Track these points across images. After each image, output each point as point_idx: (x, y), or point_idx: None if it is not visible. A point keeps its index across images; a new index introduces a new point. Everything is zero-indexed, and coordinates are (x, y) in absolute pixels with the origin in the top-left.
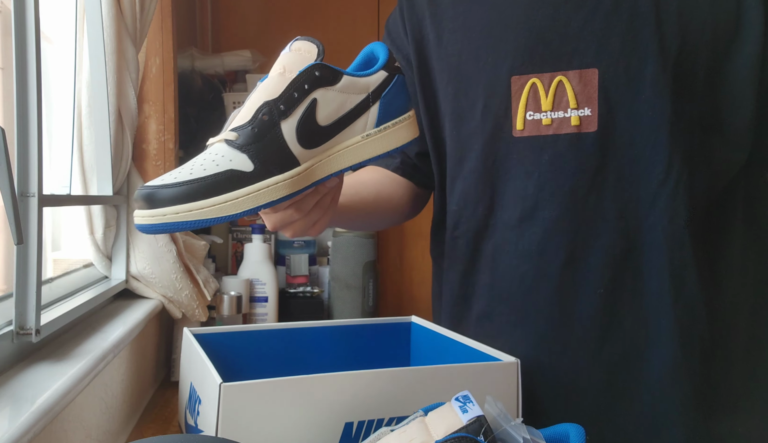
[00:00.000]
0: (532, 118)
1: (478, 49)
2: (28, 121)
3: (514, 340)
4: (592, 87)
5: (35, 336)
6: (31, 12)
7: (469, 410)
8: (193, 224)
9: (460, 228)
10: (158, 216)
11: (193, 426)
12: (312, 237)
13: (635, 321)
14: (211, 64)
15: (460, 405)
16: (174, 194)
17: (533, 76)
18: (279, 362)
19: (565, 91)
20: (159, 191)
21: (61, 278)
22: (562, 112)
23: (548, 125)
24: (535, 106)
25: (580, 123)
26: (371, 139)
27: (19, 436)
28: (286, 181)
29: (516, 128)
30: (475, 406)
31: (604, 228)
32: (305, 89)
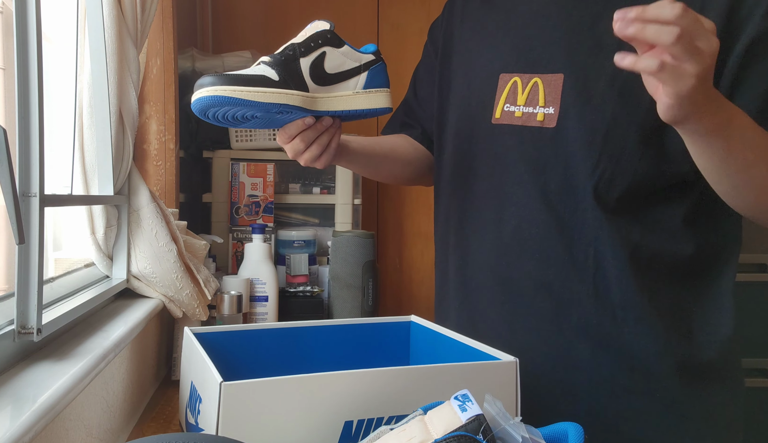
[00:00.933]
0: (508, 110)
1: (484, 48)
2: (29, 121)
3: (475, 292)
4: (557, 90)
5: (36, 335)
6: (33, 12)
7: (468, 409)
8: (235, 101)
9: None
10: (211, 91)
11: (194, 424)
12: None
13: (561, 284)
14: (211, 64)
15: (459, 404)
16: (226, 79)
17: (516, 75)
18: (279, 361)
19: (537, 91)
20: (217, 77)
21: (62, 277)
22: (531, 108)
23: (519, 116)
24: (512, 99)
25: (543, 119)
26: (358, 95)
27: (21, 435)
28: (297, 95)
29: (495, 116)
30: (474, 405)
31: (547, 206)
32: (319, 43)
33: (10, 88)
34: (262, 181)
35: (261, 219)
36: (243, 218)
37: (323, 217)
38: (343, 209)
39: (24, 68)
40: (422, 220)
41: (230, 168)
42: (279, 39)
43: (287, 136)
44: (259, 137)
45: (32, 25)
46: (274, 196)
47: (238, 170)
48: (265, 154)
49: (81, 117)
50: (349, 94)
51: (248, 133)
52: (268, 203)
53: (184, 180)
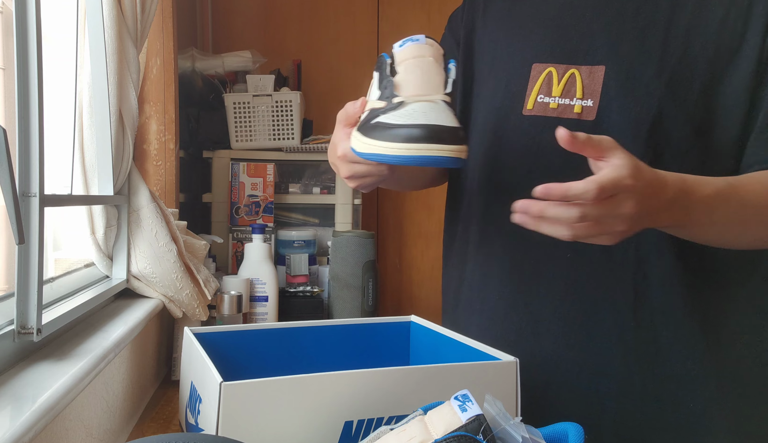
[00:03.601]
0: (542, 101)
1: (512, 38)
2: (29, 121)
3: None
4: (598, 81)
5: (36, 335)
6: (33, 12)
7: (468, 409)
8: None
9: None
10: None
11: (194, 424)
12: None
13: (595, 285)
14: (211, 64)
15: (459, 404)
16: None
17: (551, 66)
18: (279, 361)
19: (575, 82)
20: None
21: (62, 277)
22: (568, 100)
23: (554, 108)
24: (547, 90)
25: (581, 111)
26: None
27: (21, 435)
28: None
29: (526, 107)
30: (474, 405)
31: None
32: None
33: (10, 88)
34: (262, 181)
35: (261, 219)
36: (243, 218)
37: (323, 217)
38: (343, 209)
39: (24, 68)
40: (422, 220)
41: (230, 168)
42: (279, 39)
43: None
44: (259, 137)
45: (32, 25)
46: (274, 196)
47: (238, 170)
48: (265, 154)
49: (81, 117)
50: None
51: (248, 133)
52: (268, 203)
53: (184, 180)
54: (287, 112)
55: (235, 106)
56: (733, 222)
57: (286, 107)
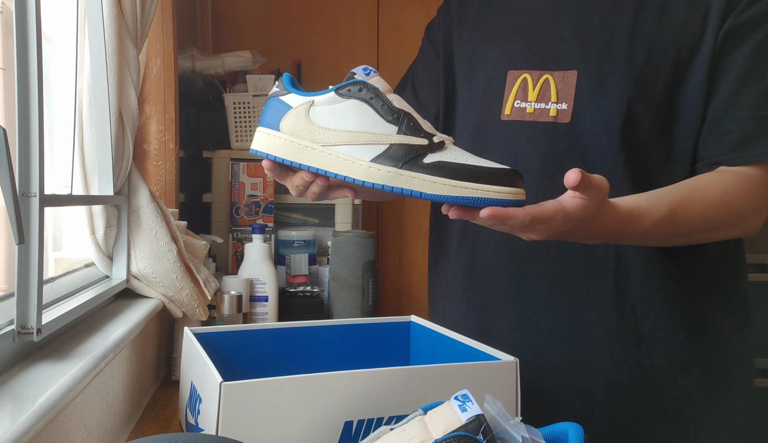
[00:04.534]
0: (519, 106)
1: (488, 46)
2: (29, 121)
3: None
4: (571, 86)
5: (36, 335)
6: (33, 12)
7: (468, 409)
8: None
9: None
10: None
11: (194, 424)
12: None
13: (579, 281)
14: (211, 64)
15: (459, 404)
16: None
17: (525, 72)
18: (279, 361)
19: (549, 87)
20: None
21: (62, 277)
22: (543, 104)
23: (531, 113)
24: (523, 96)
25: (557, 114)
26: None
27: (21, 435)
28: None
29: (504, 113)
30: (474, 405)
31: None
32: None
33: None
34: (262, 181)
35: (261, 219)
36: (243, 218)
37: (323, 217)
38: (343, 209)
39: (24, 68)
40: (422, 220)
41: (230, 168)
42: (279, 39)
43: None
44: None
45: (32, 25)
46: (274, 196)
47: (238, 170)
48: None
49: (81, 117)
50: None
51: (248, 133)
52: (268, 203)
53: (184, 180)
54: None
55: (235, 106)
56: (658, 241)
57: None
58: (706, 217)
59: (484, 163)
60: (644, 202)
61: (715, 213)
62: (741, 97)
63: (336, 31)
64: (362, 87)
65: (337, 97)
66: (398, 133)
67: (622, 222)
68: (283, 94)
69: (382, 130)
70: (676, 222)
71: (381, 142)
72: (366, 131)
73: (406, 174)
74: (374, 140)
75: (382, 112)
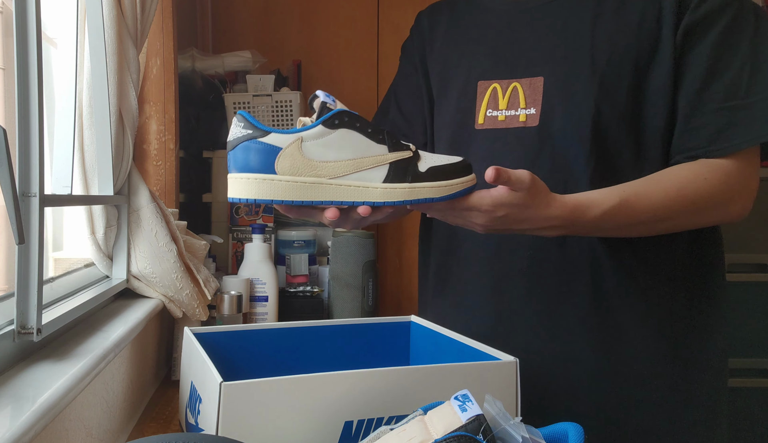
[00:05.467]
0: (491, 115)
1: (458, 59)
2: (29, 121)
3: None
4: (538, 91)
5: (36, 335)
6: (33, 12)
7: (468, 409)
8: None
9: None
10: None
11: (194, 424)
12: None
13: (557, 278)
14: (211, 64)
15: (459, 404)
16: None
17: (495, 82)
18: (279, 361)
19: (518, 94)
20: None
21: (62, 277)
22: (513, 111)
23: (502, 120)
24: (494, 104)
25: (526, 119)
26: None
27: (21, 435)
28: None
29: (478, 122)
30: (474, 405)
31: None
32: None
33: (10, 88)
34: None
35: (261, 219)
36: (243, 218)
37: None
38: None
39: (24, 68)
40: None
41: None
42: (279, 39)
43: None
44: None
45: (32, 25)
46: None
47: None
48: None
49: (81, 117)
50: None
51: None
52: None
53: (184, 180)
54: (287, 112)
55: (235, 106)
56: (619, 230)
57: (286, 107)
58: (663, 205)
59: (449, 159)
60: (595, 194)
61: (673, 201)
62: (709, 91)
63: (336, 31)
64: (346, 115)
65: (325, 129)
66: (390, 151)
67: (569, 211)
68: (261, 135)
69: (377, 151)
70: (631, 211)
71: (382, 163)
72: (365, 156)
73: (417, 186)
74: (376, 162)
75: (370, 136)
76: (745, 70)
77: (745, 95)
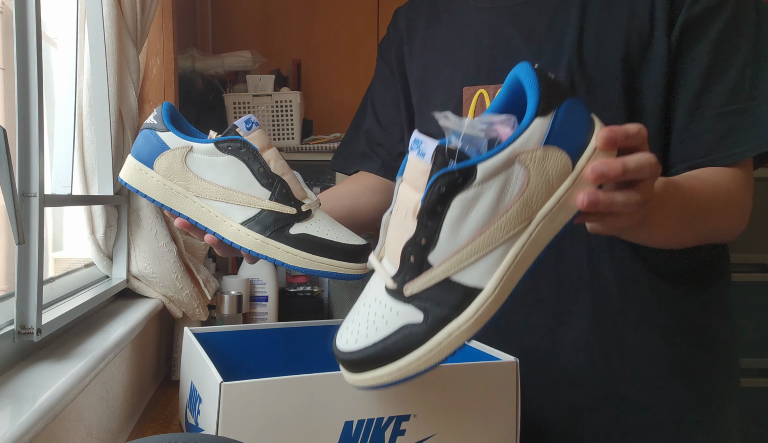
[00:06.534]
0: None
1: (439, 64)
2: (29, 121)
3: None
4: None
5: (36, 335)
6: (33, 12)
7: (425, 149)
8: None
9: None
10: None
11: (194, 424)
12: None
13: (556, 298)
14: (211, 64)
15: (416, 152)
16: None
17: (481, 87)
18: (279, 361)
19: None
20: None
21: (62, 278)
22: None
23: None
24: (481, 111)
25: None
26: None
27: (21, 435)
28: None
29: None
30: (427, 141)
31: None
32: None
33: (10, 88)
34: None
35: None
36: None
37: None
38: None
39: (24, 68)
40: None
41: None
42: (279, 39)
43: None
44: None
45: (32, 25)
46: None
47: None
48: None
49: (81, 117)
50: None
51: None
52: None
53: None
54: (287, 112)
55: (235, 106)
56: (702, 209)
57: (286, 107)
58: (713, 195)
59: (340, 238)
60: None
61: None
62: (709, 94)
63: (336, 31)
64: (242, 146)
65: (216, 150)
66: (270, 199)
67: (664, 181)
68: (161, 130)
69: (256, 193)
70: (704, 185)
71: (253, 206)
72: (240, 191)
73: (271, 243)
74: (247, 202)
75: (257, 175)
76: (747, 71)
77: (748, 98)
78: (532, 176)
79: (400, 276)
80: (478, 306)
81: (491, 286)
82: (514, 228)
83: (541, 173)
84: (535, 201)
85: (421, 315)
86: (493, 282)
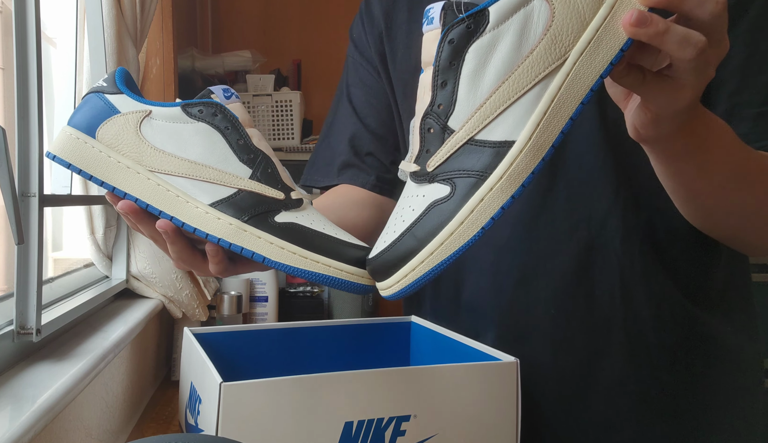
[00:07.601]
0: None
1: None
2: (28, 121)
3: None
4: None
5: (36, 335)
6: (32, 12)
7: (434, 14)
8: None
9: None
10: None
11: (194, 425)
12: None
13: (586, 337)
14: (211, 64)
15: (426, 22)
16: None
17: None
18: (279, 362)
19: None
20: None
21: (61, 278)
22: None
23: None
24: None
25: None
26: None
27: (20, 435)
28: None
29: None
30: (436, 6)
31: (556, 249)
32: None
33: (9, 88)
34: None
35: None
36: None
37: None
38: None
39: (24, 68)
40: None
41: None
42: (279, 39)
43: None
44: None
45: (32, 25)
46: None
47: None
48: None
49: None
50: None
51: None
52: None
53: None
54: (287, 112)
55: None
56: (738, 162)
57: (286, 107)
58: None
59: (340, 236)
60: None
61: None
62: (746, 91)
63: (336, 31)
64: (218, 111)
65: (183, 114)
66: (251, 178)
67: (704, 110)
68: (111, 92)
69: (233, 169)
70: (740, 149)
71: (228, 184)
72: (212, 166)
73: (250, 230)
74: (220, 180)
75: (236, 148)
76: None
77: None
78: (558, 8)
79: (421, 156)
80: (511, 160)
81: (525, 136)
82: (546, 68)
83: (568, 3)
84: (566, 36)
85: (447, 188)
86: (526, 131)
